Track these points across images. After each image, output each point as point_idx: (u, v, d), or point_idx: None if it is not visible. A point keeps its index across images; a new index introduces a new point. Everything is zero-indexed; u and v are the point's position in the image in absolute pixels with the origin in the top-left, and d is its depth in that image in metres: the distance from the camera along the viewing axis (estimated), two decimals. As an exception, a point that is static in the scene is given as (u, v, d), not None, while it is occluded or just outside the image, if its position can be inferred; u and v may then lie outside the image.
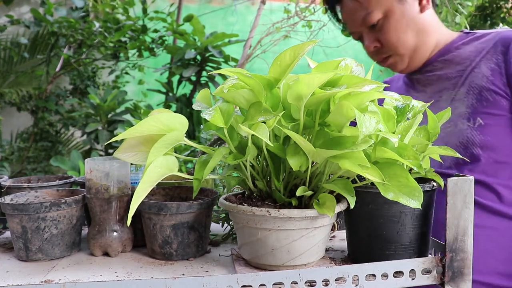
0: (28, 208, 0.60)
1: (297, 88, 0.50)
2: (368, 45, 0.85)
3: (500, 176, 0.75)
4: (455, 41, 0.86)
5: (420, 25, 0.84)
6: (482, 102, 0.77)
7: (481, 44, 0.82)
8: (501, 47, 0.78)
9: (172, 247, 0.62)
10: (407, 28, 0.83)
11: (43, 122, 2.51)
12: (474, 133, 0.77)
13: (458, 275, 0.53)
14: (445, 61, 0.85)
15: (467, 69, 0.81)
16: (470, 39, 0.85)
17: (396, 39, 0.83)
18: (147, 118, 0.53)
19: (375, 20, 0.82)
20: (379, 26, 0.83)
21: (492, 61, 0.78)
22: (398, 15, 0.82)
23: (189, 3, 3.28)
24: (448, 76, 0.83)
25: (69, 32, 2.36)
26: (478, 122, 0.76)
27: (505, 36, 0.79)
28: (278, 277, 0.49)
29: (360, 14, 0.83)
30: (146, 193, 0.53)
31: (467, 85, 0.79)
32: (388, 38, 0.83)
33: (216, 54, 2.43)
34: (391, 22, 0.82)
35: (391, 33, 0.83)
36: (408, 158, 0.54)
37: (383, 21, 0.82)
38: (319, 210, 0.53)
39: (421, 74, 0.88)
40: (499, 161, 0.75)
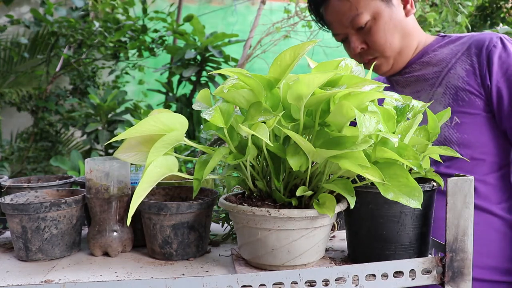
0: (28, 208, 0.60)
1: (297, 88, 0.50)
2: (355, 47, 0.87)
3: (476, 172, 0.78)
4: (432, 44, 0.89)
5: (406, 28, 0.87)
6: (458, 101, 0.80)
7: (456, 47, 0.85)
8: (475, 49, 0.81)
9: (172, 247, 0.62)
10: (395, 31, 0.85)
11: (43, 122, 2.51)
12: (451, 131, 0.80)
13: (458, 275, 0.53)
14: (423, 63, 0.88)
15: (444, 70, 0.84)
16: (446, 42, 0.88)
17: (384, 41, 0.85)
18: (147, 118, 0.53)
19: (363, 22, 0.84)
20: (367, 28, 0.85)
21: (467, 62, 0.81)
22: (386, 18, 0.84)
23: (189, 3, 3.28)
24: (425, 77, 0.86)
25: (69, 32, 2.36)
26: (455, 121, 0.79)
27: (478, 39, 0.82)
28: (278, 277, 0.49)
29: (349, 15, 0.84)
30: (146, 193, 0.53)
31: (443, 86, 0.82)
32: (376, 40, 0.85)
33: (216, 54, 2.43)
34: (380, 24, 0.84)
35: (380, 35, 0.84)
36: (408, 158, 0.54)
37: (371, 23, 0.84)
38: (319, 210, 0.53)
39: (400, 75, 0.91)
40: (475, 157, 0.78)
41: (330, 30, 0.92)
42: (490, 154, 0.79)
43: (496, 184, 0.79)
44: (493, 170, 0.79)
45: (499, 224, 0.78)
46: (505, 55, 0.78)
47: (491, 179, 0.79)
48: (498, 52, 0.78)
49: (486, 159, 0.78)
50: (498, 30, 1.82)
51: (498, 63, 0.78)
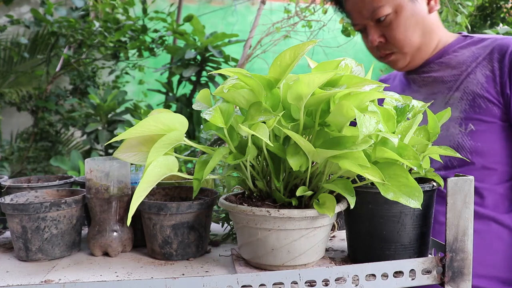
0: (28, 208, 0.60)
1: (297, 88, 0.50)
2: (373, 40, 0.84)
3: (486, 181, 0.77)
4: (453, 43, 0.87)
5: (427, 26, 0.84)
6: (475, 108, 0.78)
7: (478, 50, 0.82)
8: (497, 55, 0.79)
9: (172, 247, 0.62)
10: (416, 27, 0.82)
11: (43, 122, 2.50)
12: (465, 138, 0.78)
13: (458, 275, 0.53)
14: (442, 64, 0.85)
15: (463, 74, 0.81)
16: (467, 43, 0.85)
17: (404, 37, 0.82)
18: (147, 118, 0.53)
19: (384, 14, 0.81)
20: (387, 21, 0.82)
21: (488, 68, 0.79)
22: (409, 13, 0.81)
23: (189, 3, 3.28)
24: (443, 79, 0.84)
25: (69, 32, 2.36)
26: (470, 128, 0.77)
27: (501, 44, 0.80)
28: (278, 277, 0.49)
29: (370, 7, 0.82)
30: (146, 193, 0.53)
31: (461, 90, 0.80)
32: (395, 35, 0.82)
33: (216, 54, 2.42)
34: (401, 19, 0.81)
35: (399, 30, 0.82)
36: (408, 158, 0.54)
37: (392, 17, 0.81)
38: (319, 210, 0.53)
39: (417, 74, 0.88)
40: (487, 167, 0.77)
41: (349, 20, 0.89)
42: (502, 164, 0.77)
43: (505, 193, 0.78)
44: (504, 180, 0.78)
45: (506, 234, 0.77)
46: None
47: (501, 189, 0.77)
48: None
49: (498, 169, 0.77)
50: (498, 31, 1.82)
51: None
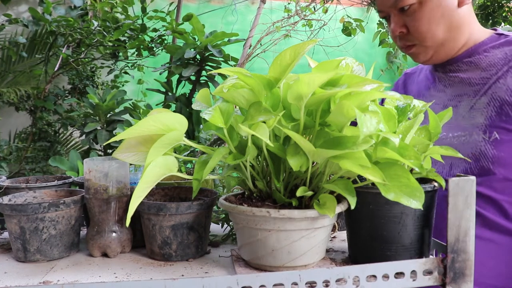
0: (26, 208, 0.60)
1: (298, 88, 0.50)
2: (394, 29, 0.80)
3: (507, 193, 0.74)
4: (485, 42, 0.81)
5: (455, 21, 0.78)
6: (502, 116, 0.74)
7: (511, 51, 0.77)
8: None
9: (172, 248, 0.61)
10: (441, 21, 0.77)
11: (42, 122, 2.50)
12: (488, 146, 0.74)
13: (459, 276, 0.52)
14: (471, 64, 0.80)
15: (492, 78, 0.77)
16: (500, 42, 0.80)
17: (427, 29, 0.77)
18: (146, 118, 0.52)
19: (408, 4, 0.76)
20: (410, 11, 0.77)
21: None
22: (434, 5, 0.76)
23: (188, 2, 3.27)
24: (471, 81, 0.79)
25: (68, 31, 2.35)
26: (494, 136, 0.74)
27: None
28: (278, 278, 0.49)
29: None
30: (145, 194, 0.52)
31: (489, 96, 0.76)
32: (417, 26, 0.77)
33: (216, 54, 2.42)
34: (425, 10, 0.76)
35: (422, 22, 0.77)
36: (409, 158, 0.53)
37: (416, 7, 0.77)
38: (319, 210, 0.52)
39: (444, 72, 0.84)
40: (509, 178, 0.73)
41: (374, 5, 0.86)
42: None
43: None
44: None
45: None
46: None
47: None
48: None
49: None
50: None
51: None
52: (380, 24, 2.35)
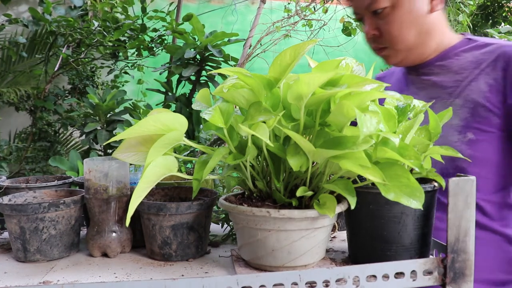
0: (26, 208, 0.60)
1: (298, 88, 0.50)
2: (367, 31, 0.83)
3: (482, 190, 0.75)
4: (456, 46, 0.84)
5: (425, 26, 0.81)
6: (475, 117, 0.76)
7: (482, 55, 0.79)
8: (502, 63, 0.76)
9: (172, 248, 0.61)
10: (412, 26, 0.79)
11: (42, 122, 2.50)
12: (463, 147, 0.76)
13: (459, 276, 0.52)
14: (443, 67, 0.83)
15: (465, 81, 0.79)
16: (470, 47, 0.82)
17: (398, 33, 0.80)
18: (146, 118, 0.52)
19: (380, 7, 0.79)
20: (383, 15, 0.80)
21: (491, 76, 0.76)
22: (406, 10, 0.79)
23: (188, 2, 3.27)
24: (444, 84, 0.81)
25: (68, 31, 2.35)
26: (469, 136, 0.76)
27: (506, 51, 0.77)
28: (278, 278, 0.49)
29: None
30: (145, 194, 0.52)
31: (462, 98, 0.78)
32: (389, 29, 0.80)
33: (216, 54, 2.42)
34: (397, 14, 0.79)
35: (394, 26, 0.80)
36: (409, 158, 0.53)
37: (389, 11, 0.79)
38: (319, 210, 0.52)
39: (417, 75, 0.86)
40: (483, 176, 0.76)
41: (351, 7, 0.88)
42: (498, 174, 0.76)
43: (499, 202, 0.77)
44: (498, 189, 0.77)
45: (498, 240, 0.77)
46: None
47: (495, 198, 0.77)
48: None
49: (493, 178, 0.76)
50: (499, 30, 1.82)
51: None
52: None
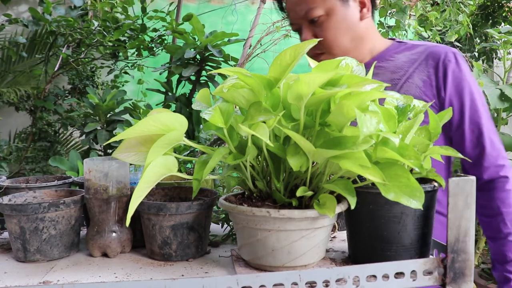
0: (26, 208, 0.60)
1: (298, 88, 0.50)
2: (305, 39, 0.89)
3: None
4: (389, 49, 0.92)
5: (358, 32, 0.89)
6: None
7: (413, 55, 0.88)
8: (431, 61, 0.86)
9: (172, 248, 0.61)
10: (346, 32, 0.87)
11: (42, 122, 2.50)
12: None
13: (459, 276, 0.52)
14: (380, 68, 0.90)
15: (402, 79, 0.86)
16: (402, 49, 0.91)
17: (333, 39, 0.87)
18: (146, 118, 0.52)
19: (316, 16, 0.86)
20: (319, 22, 0.87)
21: (424, 73, 0.86)
22: (340, 17, 0.86)
23: (188, 2, 3.27)
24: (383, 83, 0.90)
25: (68, 31, 2.35)
26: None
27: (434, 51, 0.87)
28: (278, 278, 0.49)
29: (304, 7, 0.87)
30: (145, 194, 0.52)
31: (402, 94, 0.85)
32: (325, 35, 0.87)
33: (216, 54, 2.42)
34: (332, 21, 0.86)
35: (330, 32, 0.86)
36: (409, 158, 0.53)
37: (324, 19, 0.86)
38: (319, 210, 0.52)
39: None
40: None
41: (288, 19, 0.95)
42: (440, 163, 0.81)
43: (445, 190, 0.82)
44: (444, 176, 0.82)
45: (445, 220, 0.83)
46: (457, 70, 0.84)
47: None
48: (452, 66, 0.84)
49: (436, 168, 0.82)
50: (499, 30, 1.82)
51: (452, 77, 0.84)
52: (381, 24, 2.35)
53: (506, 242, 0.82)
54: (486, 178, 0.83)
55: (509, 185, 0.83)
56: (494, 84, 1.70)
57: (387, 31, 2.30)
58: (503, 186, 0.82)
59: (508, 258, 0.81)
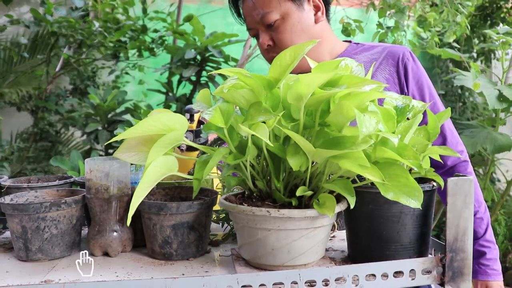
0: (28, 208, 0.60)
1: (297, 88, 0.50)
2: (262, 43, 0.90)
3: None
4: (348, 50, 0.95)
5: (313, 34, 0.91)
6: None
7: (372, 55, 0.92)
8: (391, 61, 0.91)
9: (172, 247, 0.62)
10: (301, 34, 0.89)
11: (43, 122, 2.50)
12: None
13: (458, 275, 0.53)
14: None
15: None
16: (360, 49, 0.95)
17: (290, 41, 0.88)
18: (147, 118, 0.53)
19: (272, 20, 0.88)
20: (275, 27, 0.89)
21: (386, 71, 0.90)
22: (295, 20, 0.88)
23: (189, 3, 3.27)
24: None
25: (69, 32, 2.36)
26: None
27: (392, 51, 0.92)
28: (278, 277, 0.49)
29: (259, 12, 0.88)
30: (146, 193, 0.53)
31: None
32: (282, 38, 0.89)
33: (216, 54, 2.42)
34: (287, 24, 0.88)
35: (286, 35, 0.88)
36: (408, 158, 0.54)
37: (280, 23, 0.88)
38: (319, 210, 0.53)
39: None
40: None
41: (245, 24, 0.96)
42: None
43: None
44: None
45: None
46: (415, 68, 0.90)
47: None
48: (410, 64, 0.90)
49: None
50: (497, 30, 1.82)
51: (412, 74, 0.90)
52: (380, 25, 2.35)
53: (475, 219, 0.86)
54: (450, 164, 0.90)
55: (470, 168, 0.90)
56: (493, 84, 1.70)
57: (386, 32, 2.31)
58: (465, 169, 0.90)
59: (479, 234, 0.87)
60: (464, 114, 3.13)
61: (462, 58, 1.95)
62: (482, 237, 0.87)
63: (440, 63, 3.24)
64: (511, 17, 2.70)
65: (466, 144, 1.79)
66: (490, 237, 0.87)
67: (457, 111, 3.11)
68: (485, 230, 0.87)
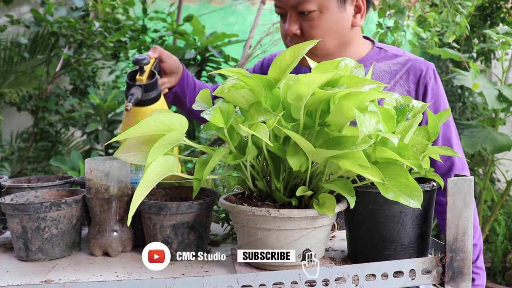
0: (28, 208, 0.60)
1: (297, 88, 0.50)
2: (289, 29, 0.83)
3: None
4: (370, 55, 0.90)
5: (346, 38, 0.86)
6: None
7: (394, 66, 0.88)
8: (413, 77, 0.86)
9: (172, 247, 0.62)
10: (334, 35, 0.83)
11: (43, 122, 2.50)
12: None
13: (458, 275, 0.53)
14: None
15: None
16: (382, 56, 0.90)
17: (320, 37, 0.82)
18: (147, 118, 0.53)
19: (308, 9, 0.80)
20: (309, 17, 0.82)
21: (405, 88, 0.86)
22: (332, 18, 0.82)
23: (189, 3, 3.28)
24: None
25: (69, 32, 2.36)
26: None
27: (415, 67, 0.87)
28: (278, 277, 0.49)
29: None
30: (146, 193, 0.53)
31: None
32: (312, 33, 0.82)
33: (216, 54, 2.42)
34: (323, 21, 0.82)
35: (318, 31, 0.82)
36: (408, 158, 0.54)
37: (315, 15, 0.81)
38: (319, 210, 0.53)
39: None
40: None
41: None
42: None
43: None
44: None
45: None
46: (436, 87, 0.87)
47: None
48: (431, 84, 0.86)
49: None
50: (497, 31, 1.82)
51: (431, 94, 0.86)
52: (379, 25, 2.35)
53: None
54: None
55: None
56: (492, 84, 1.70)
57: (386, 32, 2.31)
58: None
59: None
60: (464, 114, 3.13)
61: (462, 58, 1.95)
62: (473, 263, 0.83)
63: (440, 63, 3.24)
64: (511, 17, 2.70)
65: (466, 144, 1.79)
66: (481, 264, 0.85)
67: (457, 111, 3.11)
68: (477, 256, 0.85)
